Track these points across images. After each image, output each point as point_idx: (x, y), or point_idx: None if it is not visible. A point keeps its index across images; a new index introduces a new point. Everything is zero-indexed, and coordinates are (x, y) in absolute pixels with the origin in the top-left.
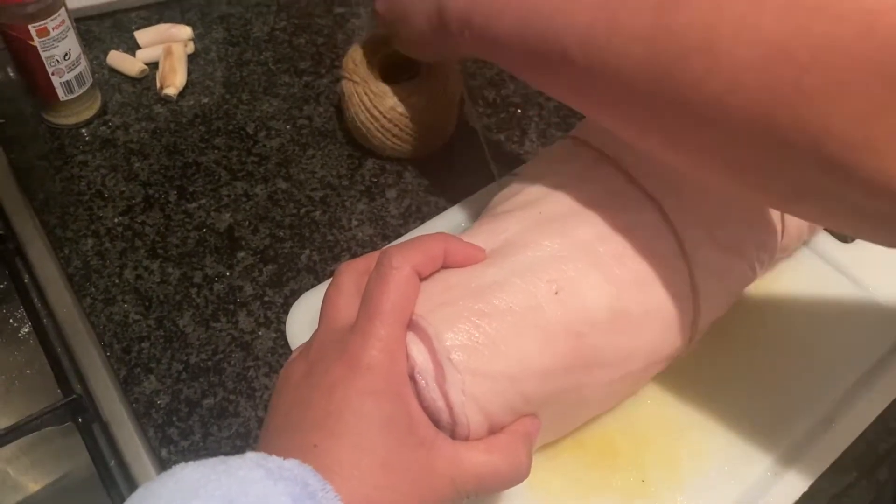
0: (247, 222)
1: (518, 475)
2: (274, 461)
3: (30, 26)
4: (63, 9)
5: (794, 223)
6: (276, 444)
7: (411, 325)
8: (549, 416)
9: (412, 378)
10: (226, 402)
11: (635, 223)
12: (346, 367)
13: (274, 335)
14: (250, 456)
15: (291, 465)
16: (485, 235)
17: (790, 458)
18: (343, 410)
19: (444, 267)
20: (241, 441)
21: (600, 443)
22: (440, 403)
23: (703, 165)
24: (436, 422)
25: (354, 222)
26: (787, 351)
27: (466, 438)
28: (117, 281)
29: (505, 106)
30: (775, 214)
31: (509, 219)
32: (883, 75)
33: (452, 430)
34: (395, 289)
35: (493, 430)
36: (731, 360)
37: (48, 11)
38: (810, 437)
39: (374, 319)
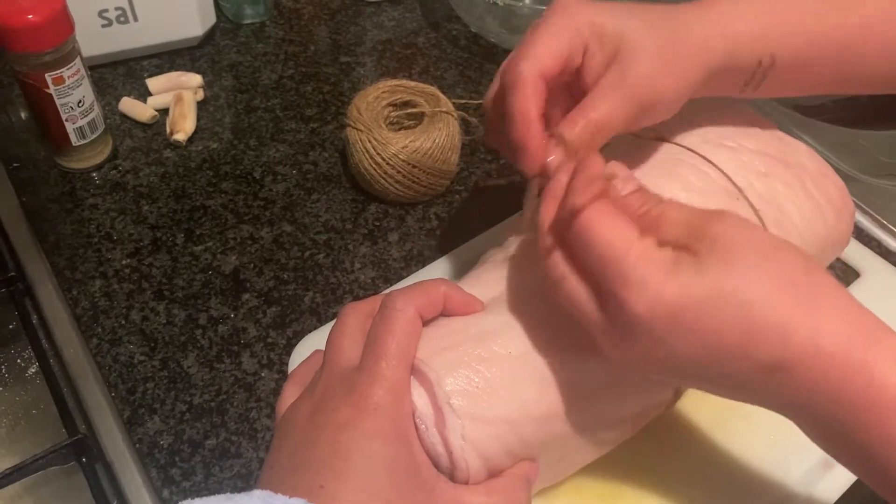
0: (252, 265)
1: None
2: (280, 500)
3: (46, 74)
4: (78, 58)
5: None
6: (280, 483)
7: (412, 369)
8: (547, 460)
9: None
10: (228, 442)
11: None
12: (354, 407)
13: (276, 376)
14: (257, 494)
15: None
16: (483, 283)
17: (790, 502)
18: (350, 451)
19: (443, 315)
20: (243, 482)
21: (598, 488)
22: (440, 448)
23: None
24: (435, 465)
25: (357, 265)
26: None
27: (466, 482)
28: (124, 322)
29: None
30: None
31: (507, 266)
32: None
33: (452, 475)
34: (400, 330)
35: (492, 473)
36: (727, 404)
37: (64, 60)
38: (809, 480)
39: (380, 361)
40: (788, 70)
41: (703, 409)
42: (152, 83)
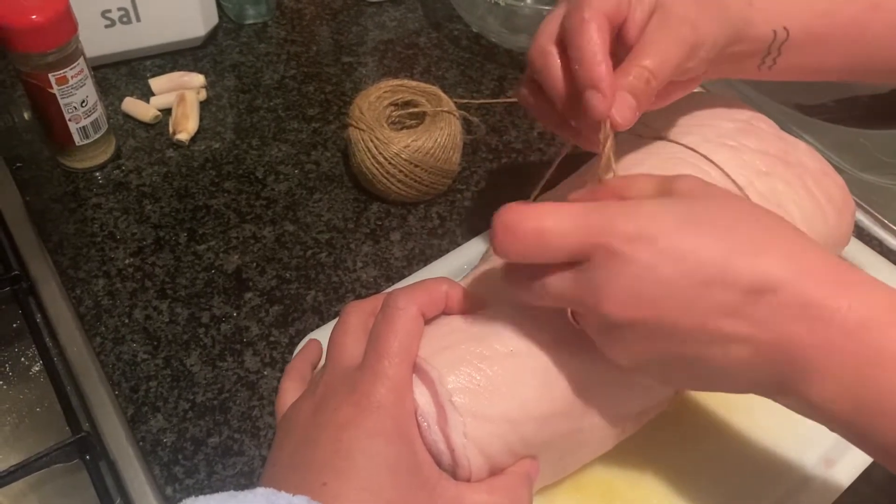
0: (254, 264)
1: None
2: (283, 497)
3: (49, 75)
4: (82, 58)
5: None
6: (283, 481)
7: (414, 368)
8: (548, 458)
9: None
10: (231, 440)
11: None
12: (356, 406)
13: (279, 375)
14: (260, 491)
15: (300, 503)
16: (485, 282)
17: (791, 499)
18: (352, 450)
19: (445, 313)
20: (246, 480)
21: (599, 485)
22: (442, 446)
23: None
24: (437, 463)
25: (359, 264)
26: None
27: (468, 480)
28: (127, 321)
29: (507, 152)
30: None
31: None
32: None
33: (454, 472)
34: (402, 329)
35: (494, 471)
36: (728, 402)
37: (67, 61)
38: (809, 478)
39: (382, 359)
40: (802, 45)
41: (703, 406)
42: (155, 83)
